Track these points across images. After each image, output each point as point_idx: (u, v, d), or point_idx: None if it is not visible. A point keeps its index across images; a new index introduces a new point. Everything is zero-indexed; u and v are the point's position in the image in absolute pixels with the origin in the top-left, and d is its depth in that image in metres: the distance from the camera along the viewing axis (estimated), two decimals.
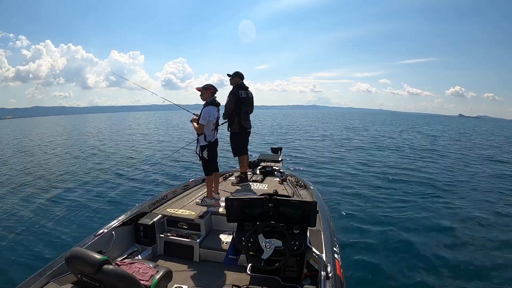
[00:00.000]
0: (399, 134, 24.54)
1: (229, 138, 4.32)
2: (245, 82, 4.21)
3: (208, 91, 3.45)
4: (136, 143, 18.42)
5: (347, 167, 9.80)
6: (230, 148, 4.34)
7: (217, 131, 3.57)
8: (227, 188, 4.05)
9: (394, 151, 13.74)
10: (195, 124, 3.49)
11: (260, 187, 4.03)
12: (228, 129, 4.26)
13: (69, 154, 14.22)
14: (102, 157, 13.03)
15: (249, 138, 4.43)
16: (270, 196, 2.23)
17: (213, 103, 3.45)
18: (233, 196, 3.43)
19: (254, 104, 4.32)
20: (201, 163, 3.56)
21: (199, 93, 3.50)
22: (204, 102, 3.46)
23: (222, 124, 3.92)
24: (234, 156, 4.36)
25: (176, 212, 3.12)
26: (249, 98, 4.16)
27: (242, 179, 4.25)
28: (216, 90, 3.49)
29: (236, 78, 4.13)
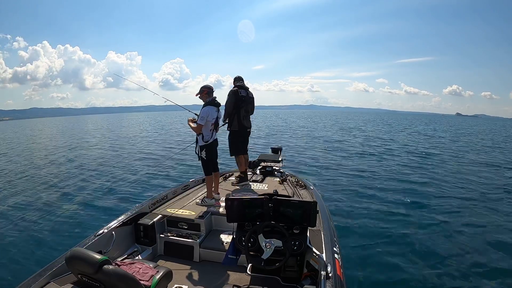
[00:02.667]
0: (399, 134, 24.51)
1: (228, 138, 4.33)
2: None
3: (203, 93, 3.48)
4: (136, 144, 18.43)
5: (347, 167, 9.80)
6: (228, 148, 4.34)
7: (216, 131, 3.57)
8: (227, 188, 4.05)
9: (394, 151, 13.70)
10: (192, 124, 3.50)
11: (260, 187, 4.03)
12: (227, 129, 4.27)
13: (69, 155, 14.22)
14: (102, 157, 13.04)
15: (249, 138, 4.44)
16: (270, 196, 2.23)
17: (213, 103, 3.46)
18: (233, 196, 3.43)
19: None
20: (200, 163, 3.56)
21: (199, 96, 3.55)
22: (204, 103, 3.48)
23: (222, 125, 3.93)
24: (231, 155, 4.33)
25: (176, 212, 3.12)
26: (249, 97, 4.22)
27: (242, 179, 4.26)
28: (211, 89, 3.50)
29: (235, 82, 4.26)
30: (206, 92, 3.47)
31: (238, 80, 4.25)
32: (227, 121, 4.20)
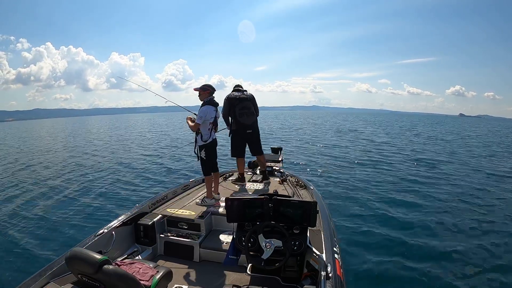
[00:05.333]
0: (402, 136, 24.37)
1: (227, 139, 4.32)
2: (245, 83, 4.39)
3: (206, 92, 3.46)
4: (136, 144, 18.45)
5: (348, 168, 9.80)
6: (229, 148, 4.34)
7: (215, 131, 3.56)
8: (227, 188, 4.05)
9: (396, 153, 13.57)
10: (190, 122, 3.48)
11: (260, 187, 4.03)
12: (229, 134, 4.26)
13: (69, 156, 14.24)
14: (102, 158, 13.05)
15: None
16: (270, 196, 2.23)
17: (211, 102, 3.45)
18: (233, 196, 3.43)
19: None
20: (200, 163, 3.56)
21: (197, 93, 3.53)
22: (202, 102, 3.47)
23: (221, 130, 3.91)
24: (232, 155, 4.34)
25: (176, 212, 3.12)
26: (244, 95, 4.10)
27: (240, 180, 4.28)
28: (214, 91, 3.50)
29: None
30: (208, 92, 3.46)
31: (235, 86, 4.25)
32: (225, 128, 4.18)
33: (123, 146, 17.13)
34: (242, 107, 4.07)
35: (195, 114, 3.61)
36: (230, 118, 4.13)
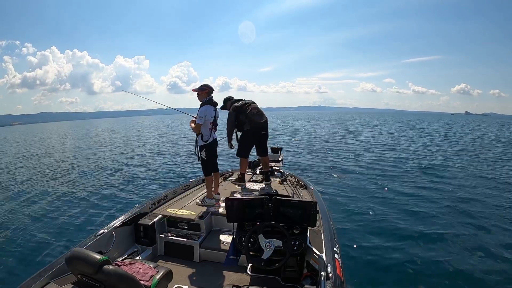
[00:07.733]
0: (407, 134, 24.27)
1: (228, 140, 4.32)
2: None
3: (203, 92, 3.46)
4: (137, 145, 18.45)
5: (348, 167, 9.79)
6: (230, 148, 4.33)
7: (215, 131, 3.56)
8: (227, 188, 4.05)
9: (400, 152, 13.50)
10: (192, 124, 3.49)
11: (260, 187, 4.03)
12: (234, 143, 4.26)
13: (70, 156, 14.25)
14: (103, 158, 13.05)
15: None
16: (270, 196, 2.23)
17: (210, 102, 3.45)
18: (233, 196, 3.42)
19: (260, 106, 4.22)
20: (200, 163, 3.56)
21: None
22: (201, 102, 3.47)
23: (220, 139, 3.89)
24: (238, 155, 4.29)
25: (176, 213, 3.12)
26: (251, 101, 4.17)
27: (239, 179, 4.28)
28: (212, 90, 3.50)
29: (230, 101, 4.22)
30: (206, 92, 3.46)
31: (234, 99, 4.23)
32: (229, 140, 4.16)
33: (124, 147, 17.14)
34: (253, 107, 4.09)
35: (193, 116, 3.62)
36: (235, 130, 4.11)
